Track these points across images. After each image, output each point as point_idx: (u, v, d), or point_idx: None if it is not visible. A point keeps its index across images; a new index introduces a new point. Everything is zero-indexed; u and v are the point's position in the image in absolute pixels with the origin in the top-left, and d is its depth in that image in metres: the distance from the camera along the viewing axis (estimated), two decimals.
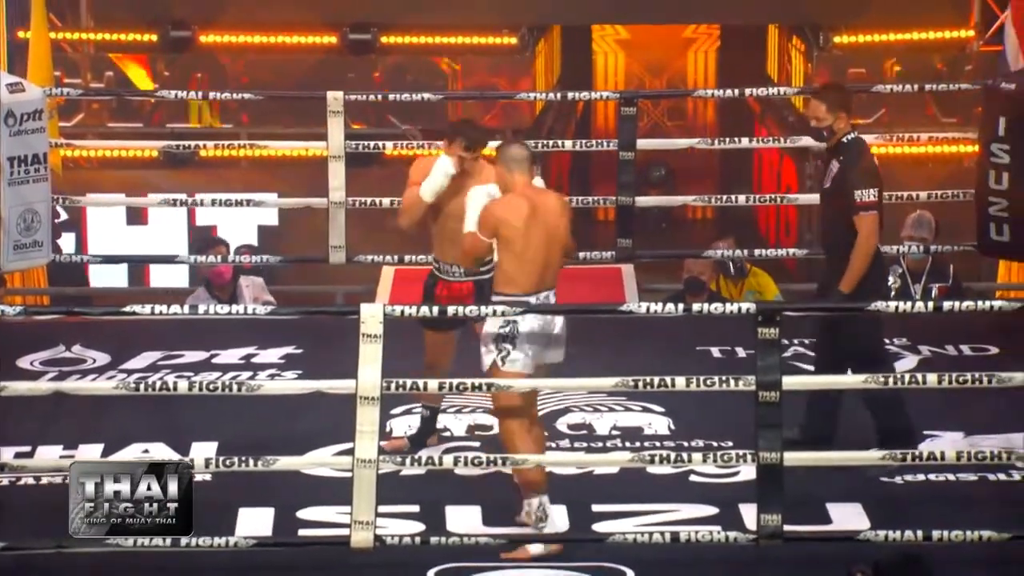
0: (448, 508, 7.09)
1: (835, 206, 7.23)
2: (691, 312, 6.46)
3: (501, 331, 6.72)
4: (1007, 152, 8.83)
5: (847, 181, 7.17)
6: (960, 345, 8.76)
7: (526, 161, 6.89)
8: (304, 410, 7.46)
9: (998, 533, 6.23)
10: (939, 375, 6.33)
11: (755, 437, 6.31)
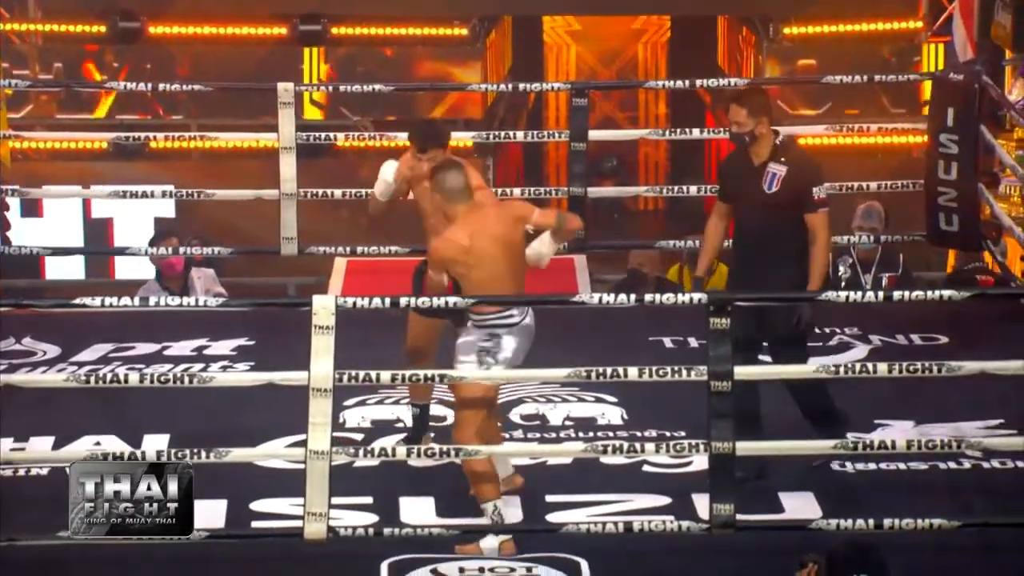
0: (402, 499, 7.09)
1: (782, 208, 7.12)
2: (643, 302, 6.48)
3: (484, 344, 6.69)
4: (956, 142, 8.89)
5: (799, 181, 7.12)
6: (910, 334, 8.81)
7: (464, 189, 6.80)
8: (256, 402, 7.44)
9: (948, 521, 6.27)
10: (889, 365, 6.37)
11: (707, 427, 6.33)
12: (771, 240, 7.13)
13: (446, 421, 7.94)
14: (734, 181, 7.28)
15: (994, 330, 8.41)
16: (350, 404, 7.97)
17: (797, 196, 7.12)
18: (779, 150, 7.18)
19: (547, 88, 10.17)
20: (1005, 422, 7.60)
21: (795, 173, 7.14)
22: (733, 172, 7.31)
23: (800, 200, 7.12)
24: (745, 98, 7.30)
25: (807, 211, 7.12)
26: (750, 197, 7.19)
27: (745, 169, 7.21)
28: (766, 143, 7.18)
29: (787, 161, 7.16)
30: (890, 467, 7.35)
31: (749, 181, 7.18)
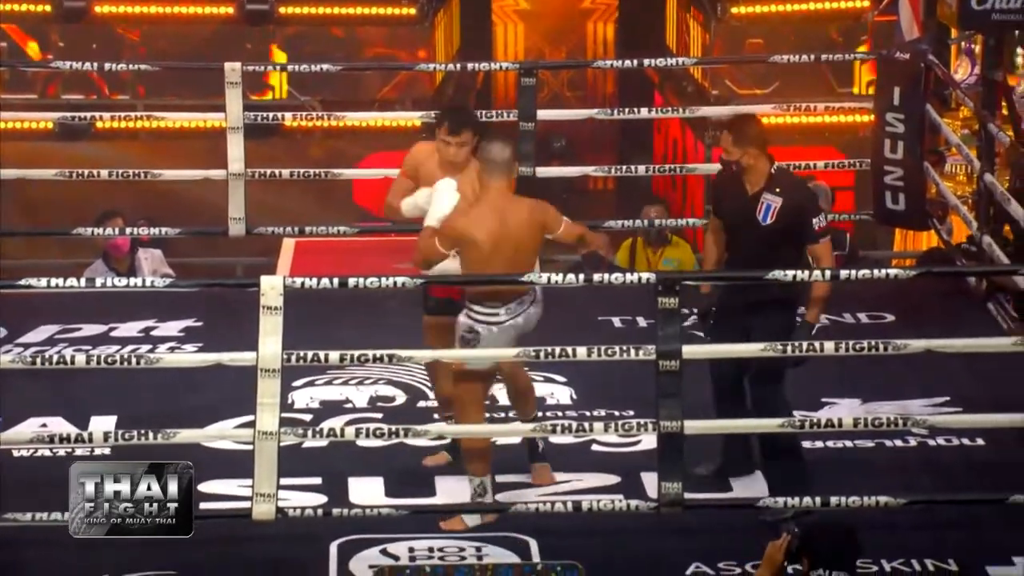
0: (351, 480, 7.09)
1: (777, 239, 6.87)
2: (591, 283, 6.47)
3: (464, 334, 6.66)
4: (902, 121, 8.93)
5: (796, 212, 6.89)
6: (857, 313, 8.85)
7: (506, 165, 6.66)
8: (205, 383, 7.42)
9: (894, 499, 6.30)
10: (836, 343, 6.38)
11: (656, 406, 6.34)
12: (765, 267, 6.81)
13: (395, 402, 7.94)
14: (728, 205, 7.01)
15: (940, 308, 8.46)
16: (299, 385, 7.95)
17: (794, 228, 6.89)
18: (773, 181, 6.93)
19: (495, 68, 10.17)
20: (951, 400, 7.65)
21: (790, 205, 6.89)
22: (727, 196, 7.03)
23: (798, 232, 6.89)
24: (733, 126, 7.02)
25: (809, 242, 6.89)
26: (744, 226, 6.92)
27: (739, 197, 6.95)
28: (758, 173, 6.92)
29: (781, 192, 6.91)
30: (837, 445, 7.39)
31: (743, 210, 6.92)
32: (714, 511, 6.65)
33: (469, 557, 6.54)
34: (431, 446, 7.21)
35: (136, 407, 7.49)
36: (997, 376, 7.66)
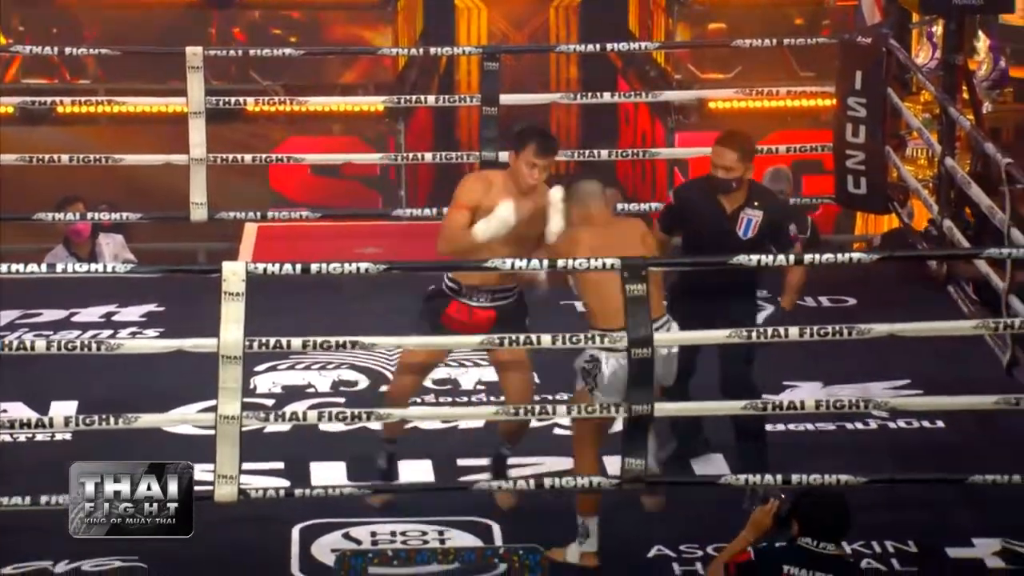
0: (313, 464, 7.08)
1: (755, 249, 6.80)
2: (555, 268, 6.43)
3: (584, 366, 6.52)
4: (864, 105, 8.95)
5: (775, 224, 6.92)
6: (819, 297, 8.88)
7: (598, 194, 6.63)
8: (166, 368, 7.40)
9: (855, 477, 6.32)
10: (800, 329, 6.38)
11: (627, 392, 6.30)
12: (741, 283, 6.87)
13: (357, 386, 7.93)
14: (699, 223, 6.91)
15: (901, 292, 8.50)
16: (261, 370, 7.94)
17: (770, 238, 6.91)
18: (752, 195, 6.91)
19: (458, 52, 10.14)
20: (911, 382, 7.69)
21: (770, 218, 6.91)
22: (695, 214, 6.92)
23: (774, 242, 6.92)
24: (735, 141, 6.92)
25: (782, 249, 6.89)
26: (719, 241, 6.85)
27: (714, 214, 6.88)
28: (744, 188, 6.89)
29: (761, 206, 6.91)
30: (799, 427, 7.42)
31: (719, 225, 6.85)
32: (674, 497, 6.65)
33: (432, 541, 6.55)
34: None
35: (97, 392, 7.46)
36: (957, 359, 7.70)
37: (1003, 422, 6.95)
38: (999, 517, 6.66)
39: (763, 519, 5.67)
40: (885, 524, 6.56)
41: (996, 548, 6.52)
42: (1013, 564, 6.45)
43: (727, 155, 6.86)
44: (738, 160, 6.84)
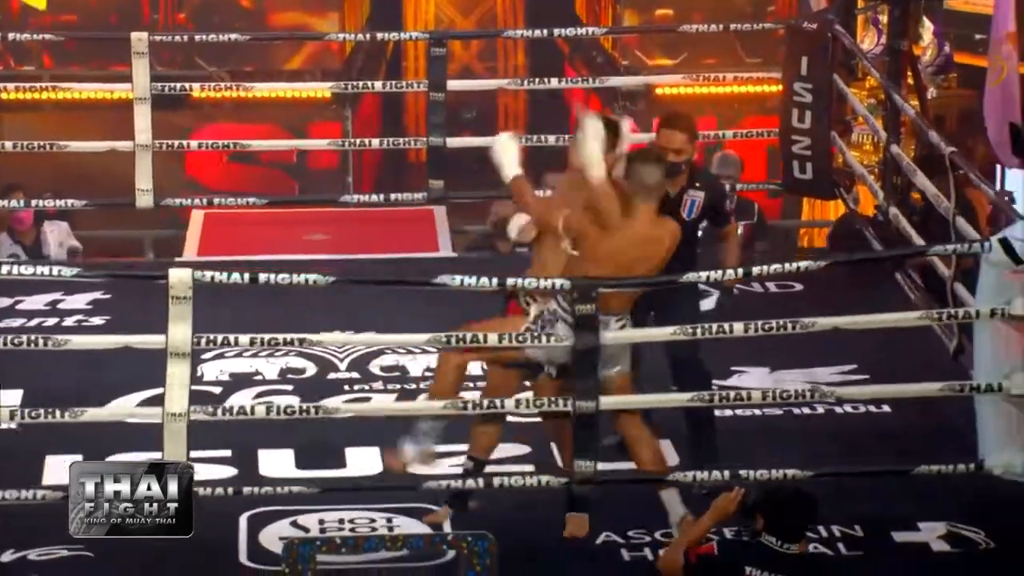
0: (261, 452, 7.06)
1: (696, 229, 6.87)
2: (505, 286, 6.35)
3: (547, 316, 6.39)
4: (809, 91, 8.98)
5: (713, 202, 6.92)
6: (766, 283, 8.90)
7: (656, 188, 6.31)
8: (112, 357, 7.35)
9: (802, 471, 6.35)
10: (745, 324, 6.38)
11: (574, 386, 6.30)
12: (686, 265, 6.77)
13: (305, 374, 7.91)
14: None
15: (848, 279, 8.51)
16: (208, 358, 7.91)
17: (710, 217, 6.93)
18: (694, 176, 6.89)
19: (405, 37, 10.14)
20: (857, 368, 7.72)
21: (711, 197, 6.91)
22: None
23: (713, 220, 6.94)
24: (682, 122, 6.85)
25: (721, 226, 6.94)
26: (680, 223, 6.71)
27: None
28: (686, 170, 6.83)
29: (702, 186, 6.90)
30: (746, 414, 7.44)
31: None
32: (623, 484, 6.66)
33: (380, 528, 6.54)
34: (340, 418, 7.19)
35: (43, 381, 7.41)
36: (903, 344, 7.74)
37: (947, 406, 6.99)
38: (944, 501, 6.70)
39: (726, 506, 5.66)
40: (831, 509, 6.59)
41: (941, 532, 6.56)
42: (958, 547, 6.49)
43: (677, 137, 6.82)
44: (687, 141, 6.82)
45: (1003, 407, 6.33)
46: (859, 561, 6.41)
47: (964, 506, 6.67)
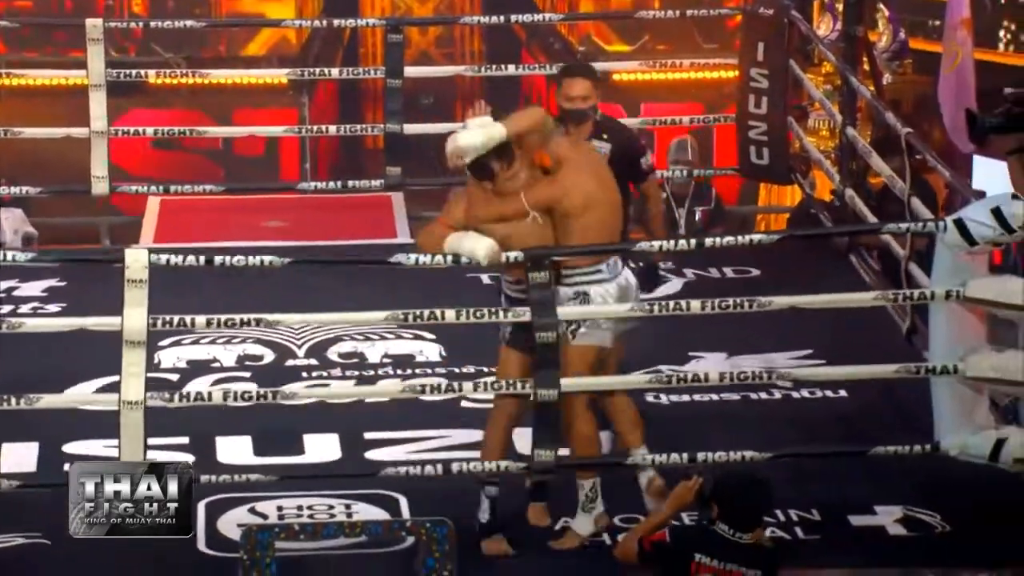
0: (219, 439, 7.05)
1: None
2: (459, 264, 6.33)
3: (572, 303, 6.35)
4: (766, 77, 9.00)
5: (624, 155, 6.84)
6: (723, 268, 8.93)
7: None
8: (69, 343, 7.33)
9: (759, 453, 6.36)
10: (702, 302, 6.39)
11: (533, 374, 6.29)
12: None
13: (263, 360, 7.90)
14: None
15: (804, 262, 8.55)
16: (165, 345, 7.89)
17: (624, 171, 6.81)
18: (600, 126, 6.85)
19: (362, 24, 10.09)
20: (814, 352, 7.75)
21: (619, 149, 6.85)
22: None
23: (628, 174, 6.86)
24: (585, 69, 6.83)
25: (639, 180, 6.90)
26: None
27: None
28: (590, 121, 6.80)
29: (610, 138, 6.86)
30: (704, 399, 7.46)
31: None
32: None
33: (338, 515, 6.54)
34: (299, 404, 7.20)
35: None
36: (858, 327, 7.77)
37: (903, 389, 7.02)
38: (900, 484, 6.74)
39: (685, 494, 5.66)
40: (789, 494, 6.62)
41: (898, 515, 6.59)
42: (915, 531, 6.52)
43: (581, 84, 6.76)
44: (593, 87, 6.77)
45: (958, 388, 6.36)
46: (817, 545, 6.43)
47: (920, 489, 6.71)
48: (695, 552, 5.47)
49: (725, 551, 5.48)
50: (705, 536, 5.53)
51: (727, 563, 5.47)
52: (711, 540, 5.51)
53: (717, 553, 5.47)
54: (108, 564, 5.90)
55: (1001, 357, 6.31)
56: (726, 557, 5.47)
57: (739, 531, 5.51)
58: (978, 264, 6.33)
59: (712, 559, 5.47)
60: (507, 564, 6.30)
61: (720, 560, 5.47)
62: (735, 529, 5.51)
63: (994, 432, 6.36)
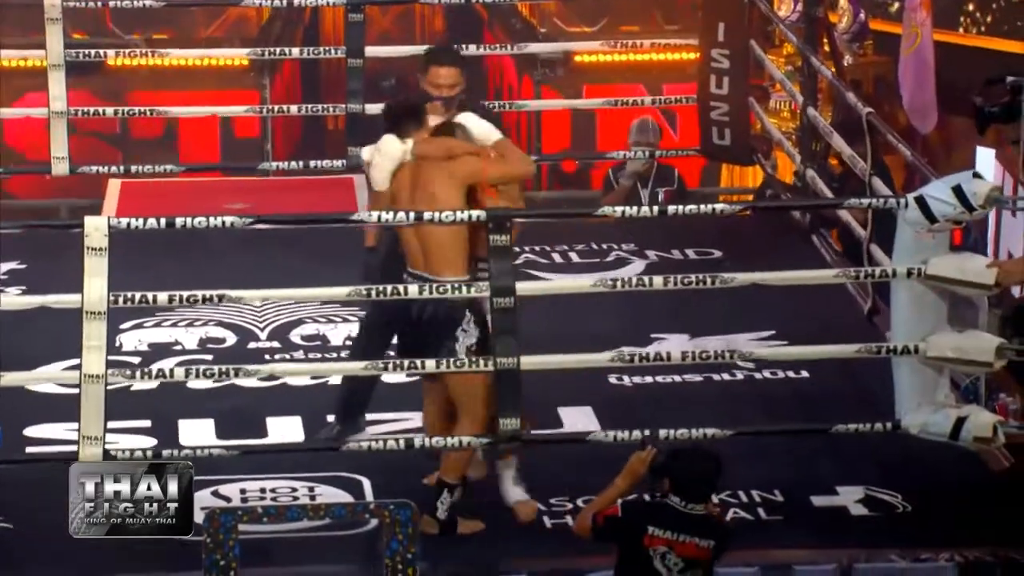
0: (181, 422, 7.03)
1: None
2: (422, 221, 6.37)
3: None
4: (727, 57, 9.01)
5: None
6: (685, 249, 8.95)
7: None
8: (30, 326, 7.30)
9: (721, 430, 6.38)
10: (664, 278, 6.42)
11: (491, 343, 6.32)
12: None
13: (225, 343, 7.89)
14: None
15: (766, 243, 8.58)
16: (127, 328, 7.86)
17: None
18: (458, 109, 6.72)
19: (323, 3, 10.01)
20: (776, 333, 7.78)
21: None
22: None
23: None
24: (452, 56, 6.75)
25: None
26: None
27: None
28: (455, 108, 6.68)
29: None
30: (666, 379, 7.48)
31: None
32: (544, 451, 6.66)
33: (302, 497, 6.53)
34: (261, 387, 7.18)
35: None
36: (820, 308, 7.80)
37: (864, 369, 7.05)
38: (862, 465, 6.77)
39: (639, 467, 5.68)
40: (751, 474, 6.64)
41: (859, 496, 6.62)
42: (875, 511, 6.56)
43: (448, 71, 6.71)
44: (460, 74, 6.72)
45: (919, 368, 6.39)
46: (779, 525, 6.45)
47: (882, 468, 6.74)
48: (648, 524, 5.51)
49: (678, 523, 5.53)
50: (657, 509, 5.57)
51: (680, 534, 5.51)
52: (663, 512, 5.55)
53: (670, 525, 5.52)
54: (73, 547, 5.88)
55: (962, 337, 6.34)
56: (679, 528, 5.52)
57: (691, 502, 5.55)
58: (939, 242, 6.35)
59: (665, 531, 5.51)
60: (468, 545, 6.31)
61: (673, 531, 5.51)
62: (687, 501, 5.55)
63: (954, 411, 6.40)
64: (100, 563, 6.05)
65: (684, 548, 5.53)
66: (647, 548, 5.51)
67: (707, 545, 5.54)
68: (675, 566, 5.53)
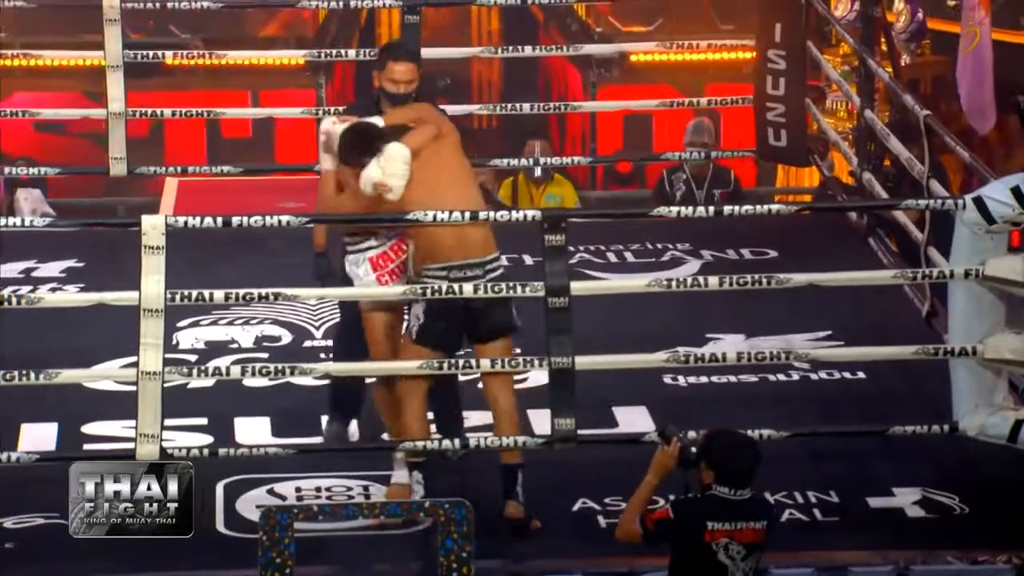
0: (237, 420, 7.06)
1: None
2: (477, 220, 6.39)
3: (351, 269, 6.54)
4: (783, 58, 8.98)
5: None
6: (741, 249, 8.92)
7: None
8: (88, 323, 7.35)
9: (776, 431, 6.36)
10: (720, 278, 6.41)
11: (546, 343, 6.32)
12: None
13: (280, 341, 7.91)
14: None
15: (822, 244, 8.54)
16: (183, 326, 7.90)
17: None
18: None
19: (379, 5, 10.03)
20: (832, 334, 7.74)
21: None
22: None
23: None
24: (408, 51, 6.72)
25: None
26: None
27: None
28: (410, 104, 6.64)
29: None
30: (721, 380, 7.46)
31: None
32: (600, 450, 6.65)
33: (357, 496, 6.55)
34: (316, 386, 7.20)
35: (17, 347, 7.39)
36: (877, 310, 7.76)
37: (921, 371, 7.01)
38: (918, 466, 6.73)
39: (666, 461, 5.64)
40: (807, 475, 6.62)
41: (916, 497, 6.59)
42: (932, 513, 6.52)
43: (406, 67, 6.65)
44: (417, 69, 6.68)
45: (977, 370, 6.35)
46: (836, 526, 6.43)
47: (939, 470, 6.70)
48: (706, 520, 5.50)
49: (733, 512, 5.52)
50: (709, 502, 5.55)
51: (737, 523, 5.50)
52: (716, 505, 5.53)
53: (726, 516, 5.51)
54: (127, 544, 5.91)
55: (1020, 339, 6.30)
56: (735, 517, 5.51)
57: (739, 488, 5.53)
58: (997, 244, 6.31)
59: (723, 523, 5.50)
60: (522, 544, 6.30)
61: (730, 522, 5.50)
62: (735, 488, 5.53)
63: (1013, 413, 6.36)
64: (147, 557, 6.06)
65: (743, 535, 5.52)
66: (709, 543, 5.50)
67: (762, 526, 5.54)
68: (738, 555, 5.52)
